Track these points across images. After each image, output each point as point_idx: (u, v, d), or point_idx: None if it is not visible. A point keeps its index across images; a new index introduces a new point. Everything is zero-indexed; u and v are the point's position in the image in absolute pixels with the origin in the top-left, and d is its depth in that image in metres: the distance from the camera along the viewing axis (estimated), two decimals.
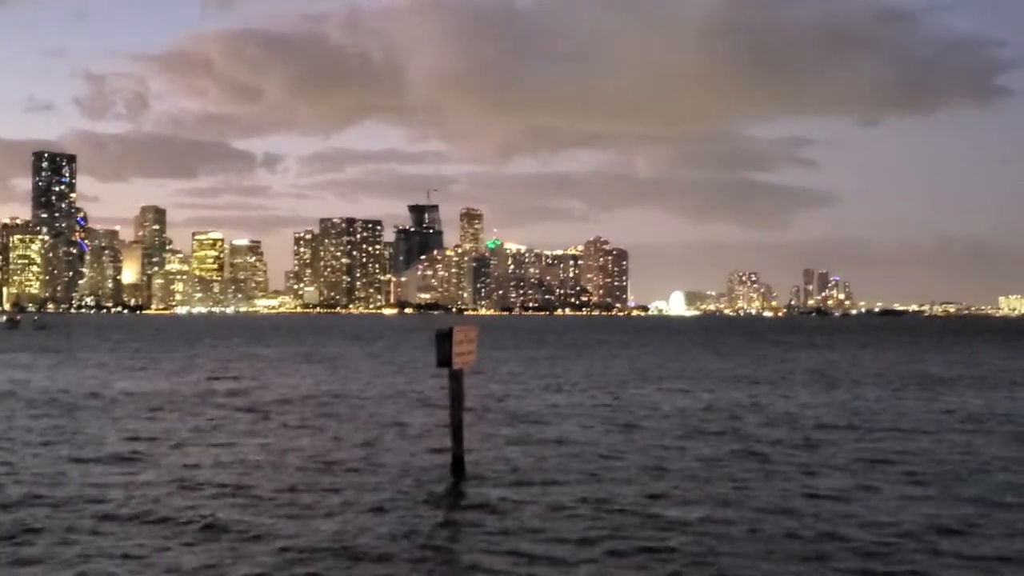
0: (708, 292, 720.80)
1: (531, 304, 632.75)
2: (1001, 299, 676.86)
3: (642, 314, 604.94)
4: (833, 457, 25.41)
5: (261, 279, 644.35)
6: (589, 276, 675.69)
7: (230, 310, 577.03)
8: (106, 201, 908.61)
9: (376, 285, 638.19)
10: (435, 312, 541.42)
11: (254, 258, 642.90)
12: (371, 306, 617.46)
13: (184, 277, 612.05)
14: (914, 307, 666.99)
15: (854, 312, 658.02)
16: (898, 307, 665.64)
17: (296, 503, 19.33)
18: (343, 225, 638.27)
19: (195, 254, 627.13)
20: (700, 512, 18.53)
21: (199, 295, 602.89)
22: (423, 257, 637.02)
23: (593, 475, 22.42)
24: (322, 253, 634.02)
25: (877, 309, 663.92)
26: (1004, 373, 61.27)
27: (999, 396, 44.24)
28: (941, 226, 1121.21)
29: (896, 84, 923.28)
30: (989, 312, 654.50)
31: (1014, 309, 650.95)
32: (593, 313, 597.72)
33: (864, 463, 24.43)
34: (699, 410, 36.99)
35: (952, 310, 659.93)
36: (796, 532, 17.04)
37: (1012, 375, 59.30)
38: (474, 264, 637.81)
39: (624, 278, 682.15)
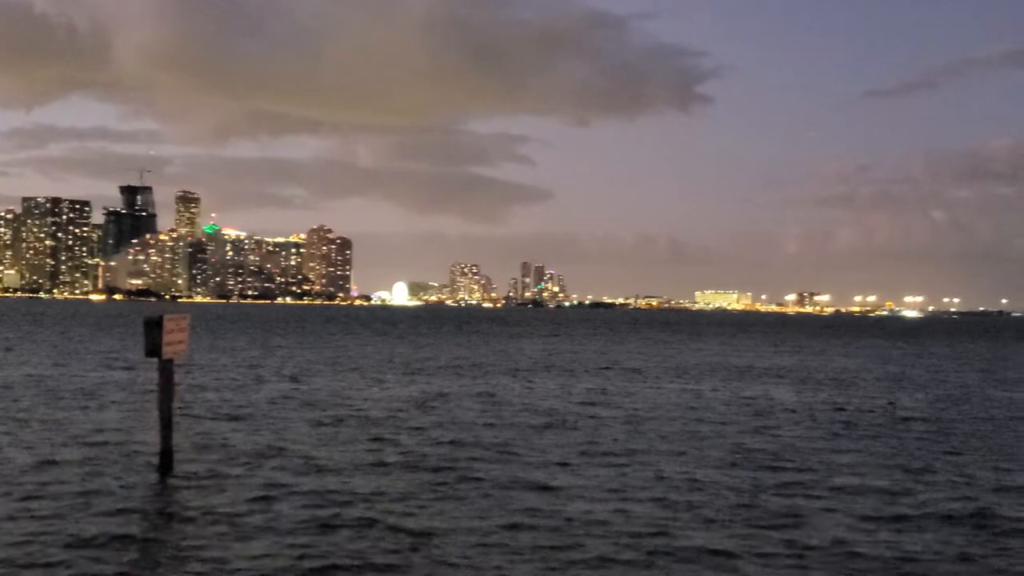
0: (431, 283, 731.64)
1: (250, 292, 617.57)
2: (697, 294, 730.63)
3: (365, 304, 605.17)
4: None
5: None
6: (312, 265, 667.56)
7: None
8: None
9: (83, 269, 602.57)
10: (148, 299, 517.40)
11: None
12: (77, 291, 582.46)
13: None
14: (621, 300, 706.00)
15: (567, 304, 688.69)
16: (607, 299, 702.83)
17: None
18: (47, 205, 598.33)
19: None
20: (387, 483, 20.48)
21: None
22: (135, 241, 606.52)
23: (303, 467, 22.73)
24: (24, 234, 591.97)
25: (588, 301, 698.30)
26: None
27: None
28: (644, 224, 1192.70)
29: (604, 87, 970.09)
30: (687, 305, 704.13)
31: (708, 303, 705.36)
32: (315, 302, 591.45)
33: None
34: (406, 400, 39.18)
35: (655, 303, 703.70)
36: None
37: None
38: (190, 249, 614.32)
39: (347, 267, 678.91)
